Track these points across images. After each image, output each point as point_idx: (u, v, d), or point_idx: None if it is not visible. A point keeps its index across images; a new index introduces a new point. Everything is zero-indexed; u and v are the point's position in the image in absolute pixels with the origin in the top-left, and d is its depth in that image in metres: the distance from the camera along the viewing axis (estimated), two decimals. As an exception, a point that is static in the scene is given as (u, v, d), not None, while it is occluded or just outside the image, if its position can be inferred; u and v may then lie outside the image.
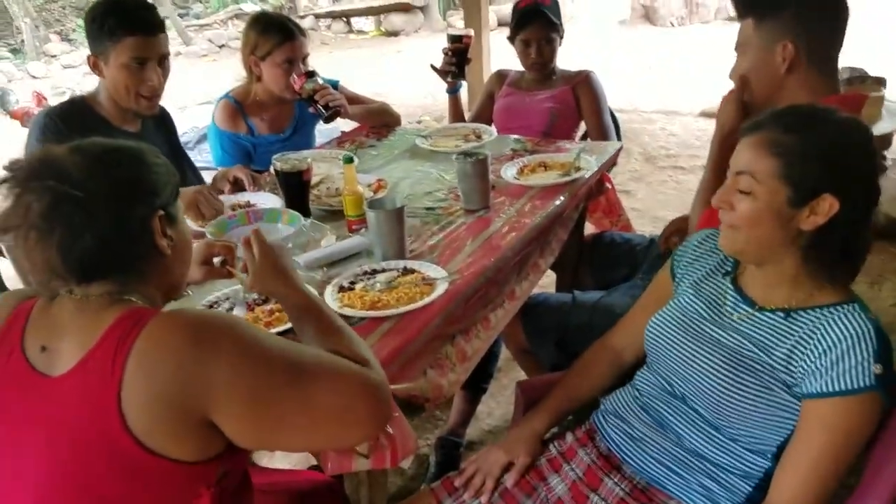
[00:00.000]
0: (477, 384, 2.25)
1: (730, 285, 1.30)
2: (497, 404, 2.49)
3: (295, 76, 2.25)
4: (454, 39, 2.56)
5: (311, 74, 2.25)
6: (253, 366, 0.94)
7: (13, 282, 1.72)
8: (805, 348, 1.13)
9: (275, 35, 2.29)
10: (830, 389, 1.09)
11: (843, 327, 1.11)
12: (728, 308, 1.28)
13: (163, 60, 1.91)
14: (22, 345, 0.99)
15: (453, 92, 2.69)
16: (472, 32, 2.59)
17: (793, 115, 1.17)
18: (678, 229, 1.91)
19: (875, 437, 1.13)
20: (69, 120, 1.88)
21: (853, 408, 1.08)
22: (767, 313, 1.21)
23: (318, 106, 2.23)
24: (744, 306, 1.25)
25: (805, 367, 1.12)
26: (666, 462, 1.28)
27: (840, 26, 1.54)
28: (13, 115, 6.38)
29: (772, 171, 1.13)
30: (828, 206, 1.10)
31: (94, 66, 1.91)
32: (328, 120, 2.28)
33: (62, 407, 0.93)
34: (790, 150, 1.12)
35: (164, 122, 2.18)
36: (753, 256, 1.21)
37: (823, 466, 1.10)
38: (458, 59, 2.57)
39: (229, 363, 0.92)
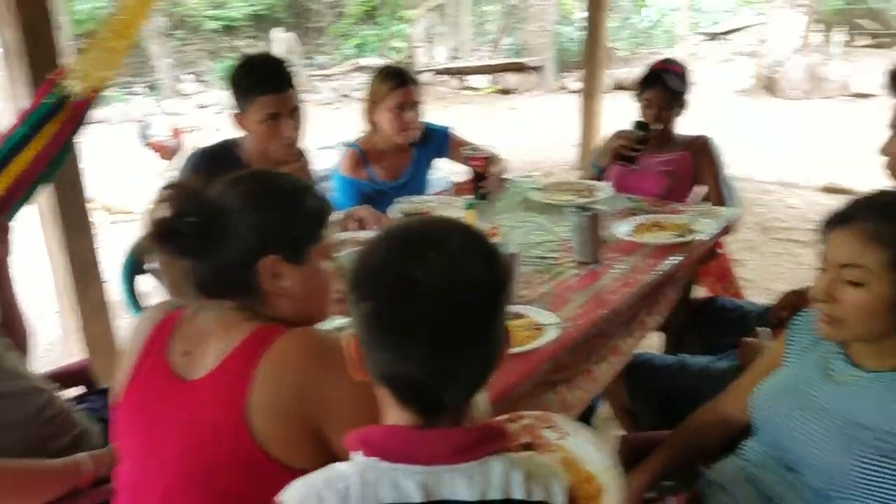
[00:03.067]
0: None
1: (839, 351, 1.27)
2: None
3: (475, 155, 2.46)
4: (641, 127, 2.50)
5: (489, 160, 2.45)
6: (362, 390, 0.97)
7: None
8: None
9: (388, 81, 2.45)
10: None
11: None
12: (833, 373, 1.25)
13: (294, 112, 2.05)
14: (165, 350, 1.09)
15: (601, 171, 2.64)
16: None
17: (885, 203, 1.16)
18: (791, 304, 1.86)
19: None
20: (214, 159, 2.08)
21: None
22: (880, 373, 1.18)
23: (480, 189, 2.45)
24: (853, 370, 1.22)
25: None
26: None
27: None
28: (153, 147, 6.90)
29: (883, 262, 1.11)
30: None
31: (239, 123, 2.08)
32: (482, 198, 2.44)
33: (196, 407, 1.03)
34: None
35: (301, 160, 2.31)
36: (862, 339, 1.19)
37: None
38: (641, 148, 2.51)
39: (346, 385, 0.97)
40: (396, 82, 2.44)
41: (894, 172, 1.52)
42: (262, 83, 1.99)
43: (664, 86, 2.52)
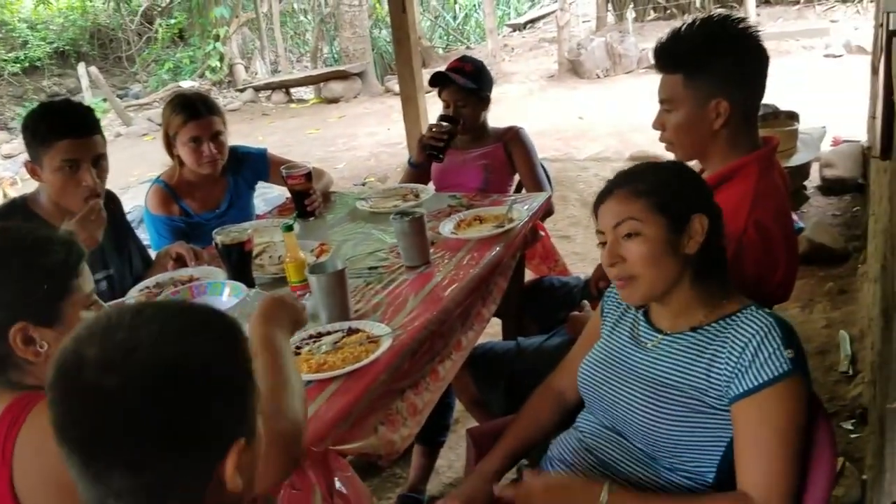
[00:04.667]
0: (434, 438, 2.27)
1: (641, 317, 1.38)
2: (457, 457, 2.51)
3: (292, 173, 2.38)
4: (452, 121, 2.59)
5: (309, 176, 2.40)
6: None
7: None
8: (720, 357, 1.21)
9: (181, 113, 2.34)
10: (755, 384, 1.16)
11: (748, 326, 1.21)
12: (642, 339, 1.36)
13: (98, 161, 1.91)
14: None
15: (416, 167, 2.70)
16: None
17: (630, 172, 1.33)
18: (604, 273, 1.99)
19: (806, 442, 1.20)
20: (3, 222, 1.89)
21: (781, 394, 1.16)
22: (677, 335, 1.30)
23: (306, 209, 2.40)
24: (655, 334, 1.33)
25: (727, 373, 1.20)
26: None
27: (766, 76, 1.55)
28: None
29: (647, 207, 1.25)
30: (699, 225, 1.24)
31: (33, 173, 1.93)
32: (304, 217, 2.41)
33: None
34: (653, 188, 1.26)
35: (109, 205, 2.15)
36: (657, 296, 1.30)
37: (778, 455, 1.15)
38: (447, 140, 2.58)
39: None
40: (188, 114, 2.33)
41: (668, 145, 1.61)
42: (61, 127, 1.85)
43: (455, 85, 2.60)
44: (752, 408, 1.17)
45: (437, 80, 2.64)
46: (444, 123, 2.58)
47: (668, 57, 1.55)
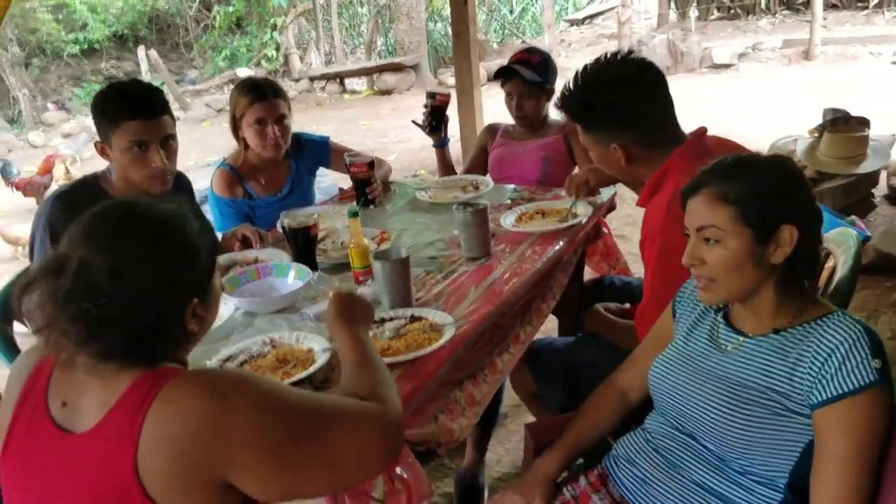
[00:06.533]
0: (488, 419, 2.26)
1: (721, 320, 1.35)
2: (506, 451, 2.50)
3: (356, 161, 2.41)
4: (429, 96, 2.67)
5: (371, 165, 2.42)
6: (272, 419, 0.96)
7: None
8: (805, 361, 1.18)
9: (247, 95, 2.37)
10: (840, 392, 1.13)
11: (837, 332, 1.17)
12: (722, 342, 1.33)
13: (166, 142, 1.92)
14: (45, 399, 1.02)
15: (440, 146, 2.77)
16: (448, 92, 2.69)
17: (725, 167, 1.26)
18: (584, 180, 2.12)
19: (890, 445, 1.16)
20: (76, 203, 1.79)
21: (865, 404, 1.12)
22: (760, 338, 1.27)
23: (366, 197, 2.42)
24: (736, 336, 1.30)
25: (810, 378, 1.16)
26: None
27: (654, 104, 1.69)
28: (16, 186, 6.46)
29: (731, 217, 1.21)
30: (789, 235, 1.20)
31: (102, 153, 1.94)
32: (365, 205, 2.42)
33: (83, 465, 0.96)
34: (740, 196, 1.21)
35: (181, 188, 2.19)
36: (735, 300, 1.28)
37: (853, 467, 1.12)
38: (435, 116, 2.66)
39: (249, 419, 0.94)
40: (254, 96, 2.36)
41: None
42: (129, 108, 1.86)
43: (521, 77, 2.58)
44: (834, 416, 1.13)
45: (504, 73, 2.62)
46: (429, 100, 2.66)
47: (564, 110, 1.74)
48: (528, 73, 2.57)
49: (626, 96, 1.65)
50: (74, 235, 0.99)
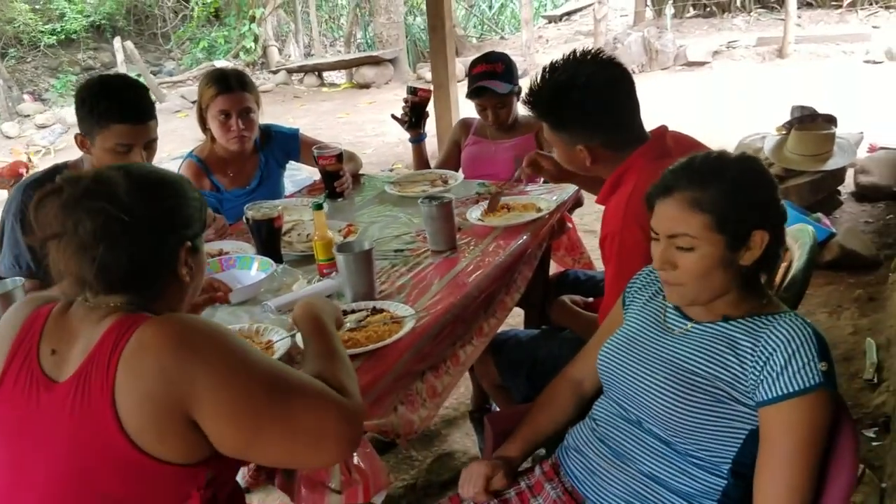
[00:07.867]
0: None
1: (671, 304, 1.37)
2: (472, 443, 2.52)
3: (324, 153, 2.40)
4: (410, 91, 2.67)
5: (340, 157, 2.42)
6: (236, 372, 1.00)
7: None
8: (752, 354, 1.20)
9: (213, 86, 2.36)
10: (784, 392, 1.15)
11: (785, 330, 1.19)
12: (670, 324, 1.35)
13: (149, 145, 1.92)
14: (35, 350, 1.05)
15: (416, 141, 2.79)
16: (429, 87, 2.69)
17: (698, 170, 1.25)
18: (533, 161, 2.10)
19: (828, 448, 1.19)
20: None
21: (809, 406, 1.14)
22: (707, 324, 1.29)
23: (336, 189, 2.41)
24: (684, 321, 1.33)
25: (755, 373, 1.19)
26: (625, 495, 1.31)
27: (623, 109, 1.70)
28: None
29: (705, 225, 1.22)
30: (760, 240, 1.21)
31: (82, 145, 1.93)
32: (333, 197, 2.42)
33: (65, 410, 0.99)
34: (714, 205, 1.21)
35: None
36: (703, 301, 1.29)
37: (795, 468, 1.14)
38: (414, 111, 2.67)
39: (212, 367, 0.98)
40: (220, 88, 2.35)
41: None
42: (120, 111, 1.84)
43: (491, 94, 2.60)
44: (779, 415, 1.16)
45: (476, 93, 2.62)
46: (409, 95, 2.66)
47: (532, 108, 1.73)
48: (501, 87, 2.58)
49: (595, 102, 1.64)
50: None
